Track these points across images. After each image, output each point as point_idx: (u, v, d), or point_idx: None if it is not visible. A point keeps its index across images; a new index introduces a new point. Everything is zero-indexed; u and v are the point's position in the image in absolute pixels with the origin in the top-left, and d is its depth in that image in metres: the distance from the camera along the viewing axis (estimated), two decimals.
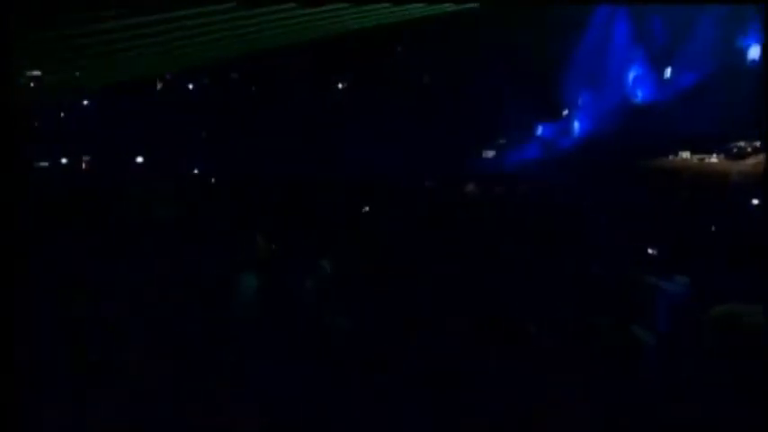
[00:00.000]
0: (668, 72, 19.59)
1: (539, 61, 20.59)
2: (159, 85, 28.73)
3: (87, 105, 26.33)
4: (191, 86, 28.19)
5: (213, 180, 15.56)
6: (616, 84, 20.22)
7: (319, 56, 25.36)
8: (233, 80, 28.97)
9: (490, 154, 25.22)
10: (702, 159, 15.68)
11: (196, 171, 20.49)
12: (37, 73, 29.66)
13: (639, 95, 20.12)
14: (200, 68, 27.82)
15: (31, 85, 30.11)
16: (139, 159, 23.93)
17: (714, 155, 15.73)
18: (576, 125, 20.87)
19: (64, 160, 22.89)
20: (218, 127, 24.73)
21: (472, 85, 25.26)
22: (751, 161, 14.44)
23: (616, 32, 20.11)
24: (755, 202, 9.91)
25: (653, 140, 16.77)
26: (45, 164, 22.17)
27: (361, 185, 11.49)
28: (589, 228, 6.67)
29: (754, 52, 17.13)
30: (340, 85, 27.46)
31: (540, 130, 22.14)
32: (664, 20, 19.06)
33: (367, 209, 7.67)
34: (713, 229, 7.92)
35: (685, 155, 16.13)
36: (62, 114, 25.83)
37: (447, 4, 13.39)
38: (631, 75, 20.32)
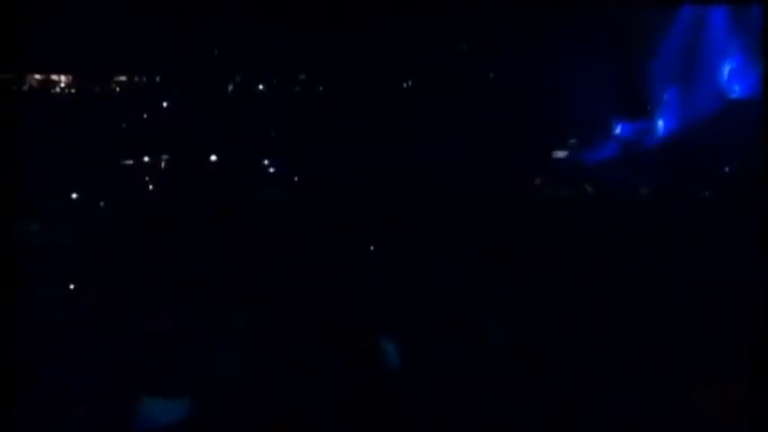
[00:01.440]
0: None
1: (616, 54, 19.43)
2: (230, 87, 30.02)
3: (168, 106, 27.79)
4: (261, 87, 29.06)
5: (296, 179, 15.65)
6: (709, 77, 18.55)
7: (384, 55, 25.41)
8: (301, 81, 29.67)
9: (561, 154, 24.11)
10: None
11: (272, 170, 20.97)
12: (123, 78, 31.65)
13: (737, 90, 18.34)
14: (269, 70, 28.87)
15: (117, 90, 32.21)
16: (213, 158, 24.87)
17: None
18: (661, 123, 19.37)
19: (146, 158, 24.18)
20: (289, 128, 25.35)
21: (540, 81, 24.27)
22: None
23: (709, 21, 18.46)
24: None
25: (755, 140, 15.16)
26: (130, 162, 23.56)
27: (459, 184, 10.99)
28: (715, 233, 5.96)
29: None
30: (405, 84, 27.27)
31: (618, 129, 20.83)
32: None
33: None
34: None
35: None
36: (144, 115, 27.41)
37: None
38: (727, 68, 18.57)
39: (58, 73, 28.07)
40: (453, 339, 3.16)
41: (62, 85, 27.31)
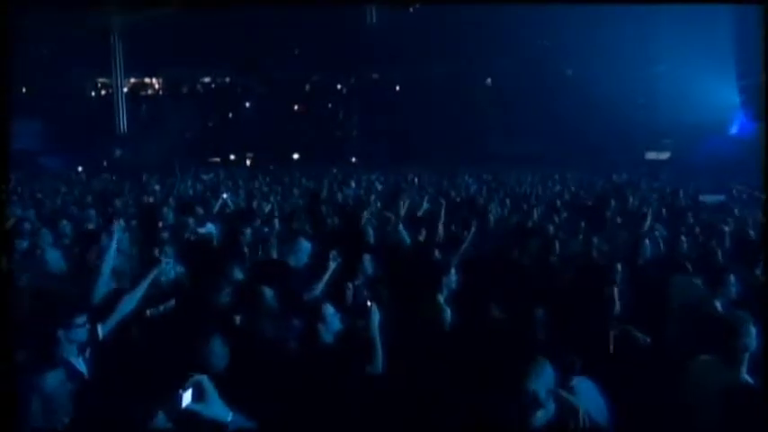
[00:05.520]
0: None
1: (736, 47, 17.63)
2: (307, 87, 30.44)
3: (250, 106, 28.54)
4: (338, 87, 29.21)
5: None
6: None
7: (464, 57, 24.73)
8: (374, 80, 29.51)
9: (660, 155, 22.24)
10: None
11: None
12: (207, 79, 32.64)
13: None
14: (347, 71, 29.01)
15: (202, 91, 33.05)
16: (296, 156, 25.22)
17: None
18: None
19: (232, 157, 24.89)
20: (369, 124, 25.34)
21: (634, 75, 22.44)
22: None
23: None
24: None
25: None
26: (217, 159, 24.29)
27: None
28: None
29: None
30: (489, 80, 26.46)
31: (736, 128, 18.86)
32: None
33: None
34: None
35: None
36: (230, 115, 28.30)
37: None
38: None
39: (150, 77, 29.76)
40: None
41: (155, 86, 28.84)
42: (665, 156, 21.57)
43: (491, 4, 19.49)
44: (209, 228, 4.45)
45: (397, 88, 28.41)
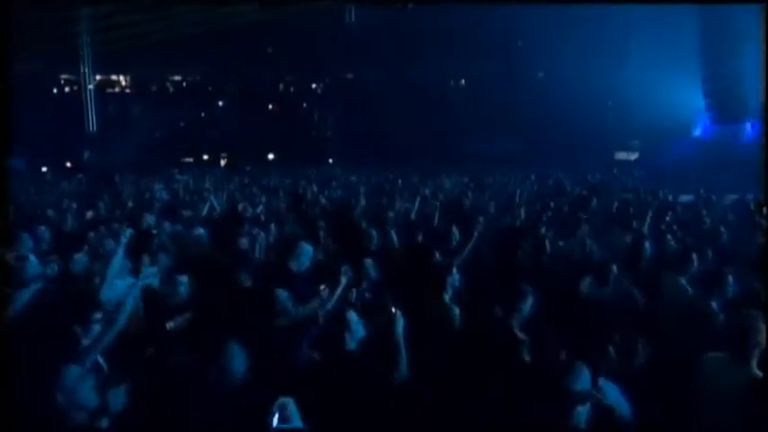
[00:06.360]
0: None
1: (702, 52, 18.31)
2: (281, 87, 30.06)
3: (223, 106, 27.99)
4: (314, 86, 28.99)
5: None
6: None
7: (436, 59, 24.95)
8: (349, 80, 29.39)
9: (630, 156, 22.93)
10: None
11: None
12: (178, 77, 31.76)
13: None
14: (321, 70, 28.80)
15: (172, 90, 32.18)
16: (270, 156, 24.88)
17: None
18: (749, 127, 17.85)
19: (205, 157, 24.36)
20: (344, 125, 25.24)
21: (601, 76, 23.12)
22: None
23: None
24: None
25: None
26: (190, 159, 23.73)
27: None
28: None
29: None
30: (461, 82, 26.70)
31: (699, 131, 19.60)
32: None
33: None
34: None
35: None
36: (202, 114, 27.67)
37: None
38: None
39: (117, 74, 28.78)
40: None
41: (122, 84, 27.93)
42: (633, 156, 22.27)
43: (469, 5, 19.71)
44: (200, 232, 4.34)
45: (373, 89, 28.41)
